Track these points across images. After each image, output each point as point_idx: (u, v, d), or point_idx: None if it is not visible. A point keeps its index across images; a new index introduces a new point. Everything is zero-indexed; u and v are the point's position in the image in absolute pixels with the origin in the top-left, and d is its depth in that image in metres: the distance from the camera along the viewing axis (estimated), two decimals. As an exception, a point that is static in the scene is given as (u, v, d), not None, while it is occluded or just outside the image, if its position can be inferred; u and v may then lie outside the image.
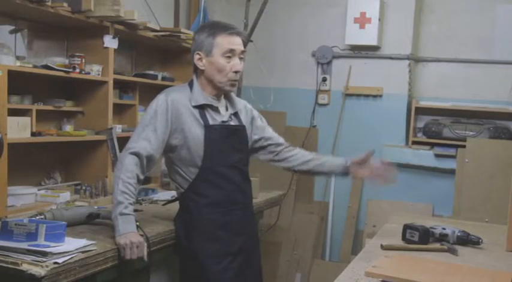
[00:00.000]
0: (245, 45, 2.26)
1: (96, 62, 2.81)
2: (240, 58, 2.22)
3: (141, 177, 2.12)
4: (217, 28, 2.20)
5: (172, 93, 2.22)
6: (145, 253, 2.02)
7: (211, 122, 2.20)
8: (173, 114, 2.16)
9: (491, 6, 3.78)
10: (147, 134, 2.13)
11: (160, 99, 2.20)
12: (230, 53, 2.17)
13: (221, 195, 2.21)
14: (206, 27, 2.27)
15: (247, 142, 2.34)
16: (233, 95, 2.35)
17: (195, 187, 2.20)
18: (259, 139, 2.41)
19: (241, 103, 2.39)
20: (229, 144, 2.23)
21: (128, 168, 2.07)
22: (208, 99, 2.21)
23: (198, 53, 2.21)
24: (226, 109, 2.29)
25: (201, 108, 2.20)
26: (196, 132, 2.17)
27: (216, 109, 2.24)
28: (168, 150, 2.22)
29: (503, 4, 3.75)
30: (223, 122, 2.23)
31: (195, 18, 3.96)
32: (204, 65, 2.21)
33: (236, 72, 2.19)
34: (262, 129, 2.42)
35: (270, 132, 2.45)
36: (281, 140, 2.46)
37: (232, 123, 2.27)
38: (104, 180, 2.80)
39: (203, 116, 2.19)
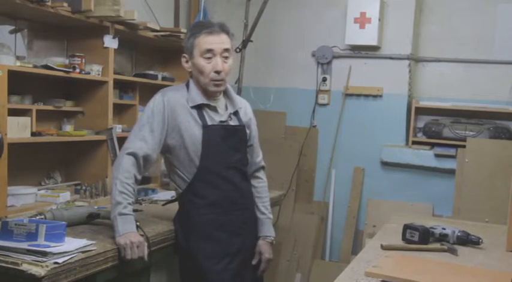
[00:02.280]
0: (236, 42, 2.20)
1: (96, 62, 2.81)
2: (225, 57, 2.17)
3: (139, 177, 2.12)
4: (197, 28, 2.19)
5: (169, 92, 2.22)
6: (145, 253, 2.02)
7: (209, 122, 2.19)
8: (170, 114, 2.16)
9: (491, 6, 3.77)
10: (144, 135, 2.13)
11: (156, 99, 2.19)
12: (209, 54, 2.14)
13: (219, 195, 2.21)
14: (190, 28, 2.27)
15: (246, 141, 2.32)
16: (233, 93, 2.33)
17: (193, 188, 2.19)
18: None
19: (241, 102, 2.37)
20: (227, 145, 2.22)
21: (125, 169, 2.07)
22: (204, 99, 2.20)
23: (184, 56, 2.22)
24: (226, 108, 2.28)
25: (199, 108, 2.19)
26: (193, 132, 2.16)
27: (214, 109, 2.22)
28: (166, 150, 2.21)
29: (504, 4, 3.75)
30: (221, 121, 2.22)
31: (195, 18, 3.96)
32: (190, 67, 2.21)
33: (217, 72, 2.15)
34: (250, 140, 2.37)
35: (253, 146, 2.39)
36: (254, 161, 2.40)
37: (231, 123, 2.26)
38: (104, 180, 2.80)
39: (201, 116, 2.18)
